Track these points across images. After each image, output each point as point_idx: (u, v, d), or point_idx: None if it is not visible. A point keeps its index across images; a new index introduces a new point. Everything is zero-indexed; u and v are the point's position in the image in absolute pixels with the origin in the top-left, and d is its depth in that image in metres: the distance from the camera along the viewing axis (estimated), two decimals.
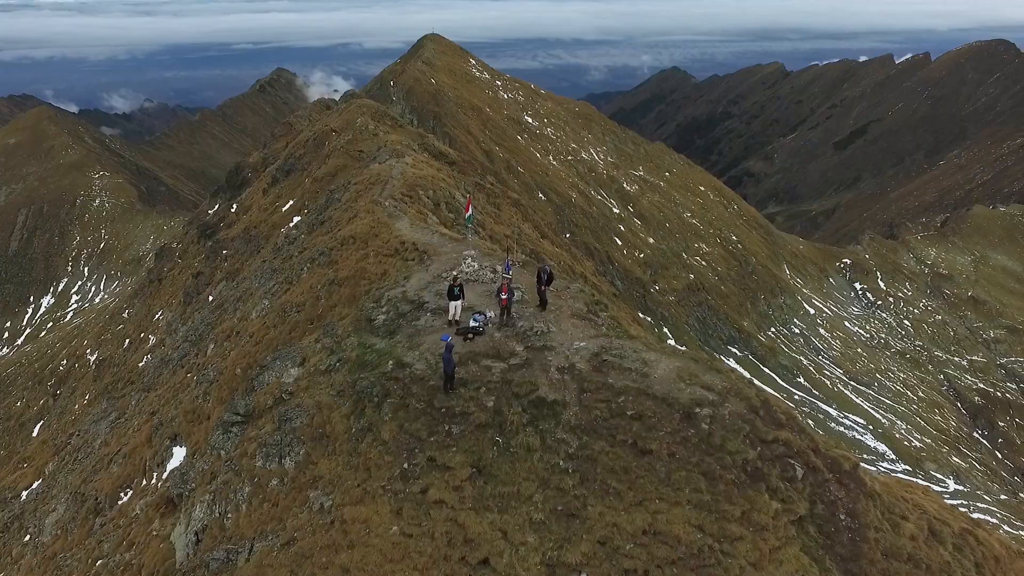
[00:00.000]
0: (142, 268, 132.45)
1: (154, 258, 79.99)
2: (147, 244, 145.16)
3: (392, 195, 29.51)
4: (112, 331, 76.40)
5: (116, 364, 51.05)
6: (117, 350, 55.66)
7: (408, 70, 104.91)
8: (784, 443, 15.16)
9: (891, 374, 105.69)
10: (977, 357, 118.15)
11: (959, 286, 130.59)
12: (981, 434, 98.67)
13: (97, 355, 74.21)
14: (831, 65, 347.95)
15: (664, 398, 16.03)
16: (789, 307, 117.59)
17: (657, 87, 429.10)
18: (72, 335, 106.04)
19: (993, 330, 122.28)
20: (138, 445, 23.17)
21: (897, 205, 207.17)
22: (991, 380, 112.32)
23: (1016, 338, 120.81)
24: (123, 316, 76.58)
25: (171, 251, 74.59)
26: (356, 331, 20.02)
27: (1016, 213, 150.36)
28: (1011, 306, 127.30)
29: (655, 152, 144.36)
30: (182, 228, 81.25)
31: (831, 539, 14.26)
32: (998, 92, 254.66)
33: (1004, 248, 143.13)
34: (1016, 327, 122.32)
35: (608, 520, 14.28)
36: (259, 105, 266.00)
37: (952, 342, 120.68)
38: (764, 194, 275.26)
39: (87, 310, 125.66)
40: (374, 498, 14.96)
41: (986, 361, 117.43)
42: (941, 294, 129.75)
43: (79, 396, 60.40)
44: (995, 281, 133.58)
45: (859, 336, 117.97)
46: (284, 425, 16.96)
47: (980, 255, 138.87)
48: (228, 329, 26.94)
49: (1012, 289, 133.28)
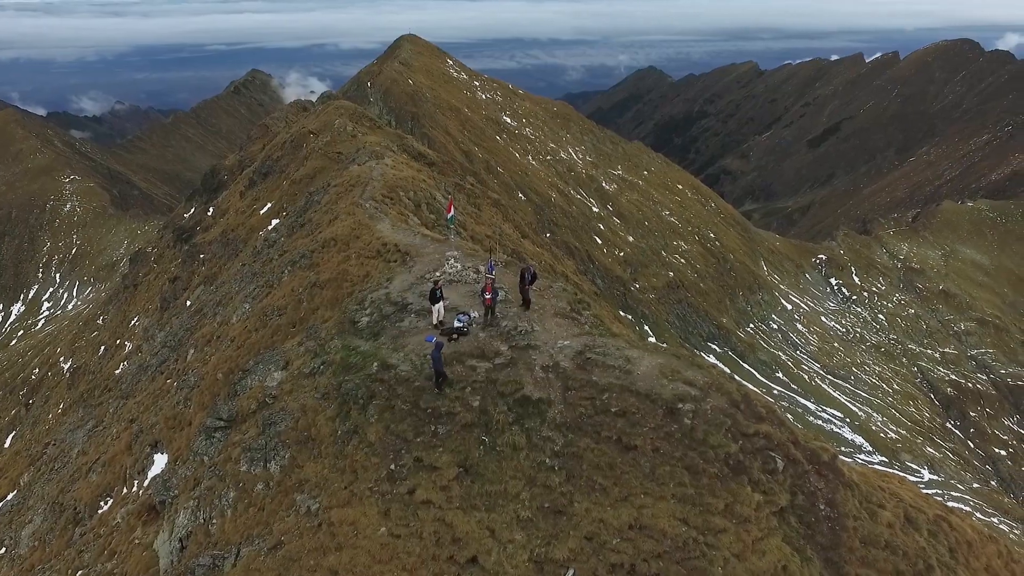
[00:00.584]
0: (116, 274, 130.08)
1: (129, 263, 78.54)
2: (120, 249, 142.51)
3: (373, 197, 29.42)
4: (86, 338, 74.87)
5: (91, 372, 50.03)
6: (92, 357, 54.54)
7: (385, 71, 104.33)
8: (765, 436, 15.44)
9: (867, 367, 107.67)
10: (949, 349, 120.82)
11: (930, 280, 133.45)
12: (954, 424, 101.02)
13: (71, 363, 72.70)
14: (804, 64, 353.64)
15: (647, 394, 16.22)
16: (767, 303, 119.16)
17: (634, 86, 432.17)
18: (44, 343, 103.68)
19: (963, 323, 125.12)
20: (117, 453, 22.82)
21: (870, 201, 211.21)
22: (962, 372, 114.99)
23: (985, 330, 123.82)
24: (97, 323, 75.10)
25: (146, 256, 73.31)
26: (340, 333, 19.92)
27: (983, 208, 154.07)
28: (980, 299, 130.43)
29: (633, 151, 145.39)
30: (157, 232, 79.91)
31: (811, 529, 14.56)
32: (964, 90, 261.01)
33: (972, 242, 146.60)
34: (985, 319, 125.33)
35: (594, 516, 14.42)
36: (234, 107, 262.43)
37: (925, 335, 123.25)
38: (741, 192, 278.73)
39: (59, 317, 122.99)
40: (361, 500, 14.99)
41: (957, 353, 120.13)
42: (913, 288, 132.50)
43: (53, 405, 59.08)
44: (964, 275, 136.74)
45: (835, 330, 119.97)
46: (268, 429, 16.89)
47: (950, 249, 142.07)
48: (208, 334, 26.62)
49: (981, 282, 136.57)
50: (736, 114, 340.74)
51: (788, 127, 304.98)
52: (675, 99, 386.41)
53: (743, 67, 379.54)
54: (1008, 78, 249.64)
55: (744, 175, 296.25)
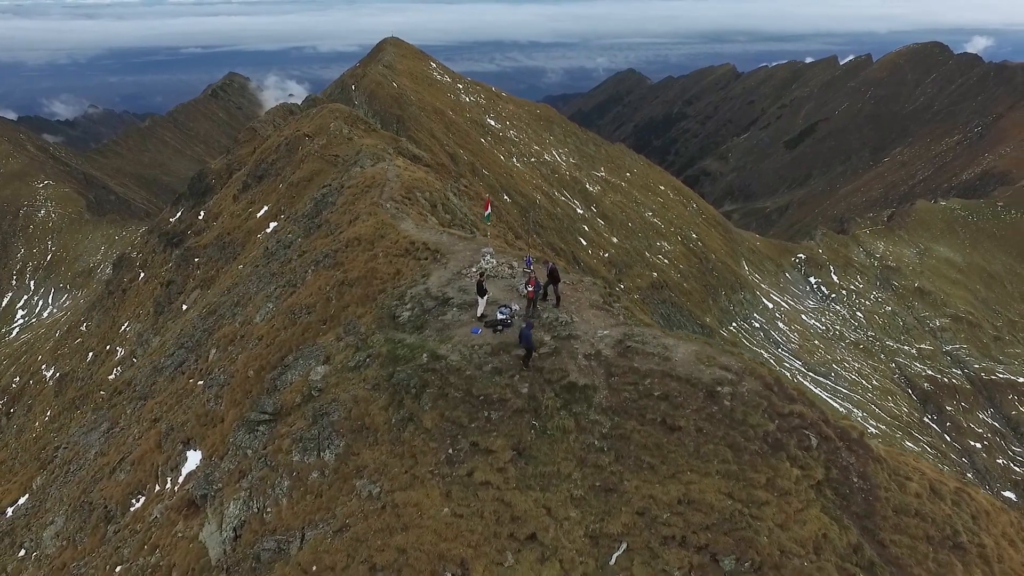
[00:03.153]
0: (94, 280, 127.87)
1: (112, 269, 77.43)
2: (97, 255, 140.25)
3: (392, 197, 29.90)
4: (69, 345, 73.68)
5: (80, 378, 49.36)
6: (80, 364, 53.78)
7: (369, 74, 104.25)
8: (799, 416, 16.47)
9: (847, 364, 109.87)
10: (925, 345, 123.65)
11: (906, 278, 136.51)
12: (931, 419, 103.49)
13: (54, 370, 71.51)
14: (780, 66, 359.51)
15: (687, 379, 17.12)
16: (749, 302, 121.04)
17: (613, 88, 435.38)
18: (21, 351, 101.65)
19: (938, 319, 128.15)
20: (147, 452, 23.07)
21: (846, 201, 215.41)
22: (938, 367, 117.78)
23: (959, 326, 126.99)
24: (81, 329, 73.97)
25: (130, 261, 72.43)
26: (380, 328, 20.40)
27: (955, 207, 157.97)
28: (954, 296, 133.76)
29: (615, 153, 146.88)
30: (141, 237, 78.88)
31: (847, 500, 15.50)
32: (935, 92, 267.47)
33: (945, 240, 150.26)
34: (959, 316, 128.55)
35: (644, 492, 15.26)
36: (212, 110, 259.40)
37: (901, 331, 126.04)
38: (720, 192, 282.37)
39: (35, 325, 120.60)
40: (423, 483, 15.58)
41: (933, 349, 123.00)
42: (890, 286, 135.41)
43: (39, 413, 58.11)
44: (939, 272, 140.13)
45: (816, 328, 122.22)
46: (321, 420, 17.35)
47: (924, 247, 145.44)
48: (230, 334, 26.87)
49: (954, 279, 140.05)
50: (715, 116, 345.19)
51: (765, 128, 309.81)
52: (654, 101, 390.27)
53: (721, 69, 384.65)
54: (976, 80, 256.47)
55: (723, 176, 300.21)
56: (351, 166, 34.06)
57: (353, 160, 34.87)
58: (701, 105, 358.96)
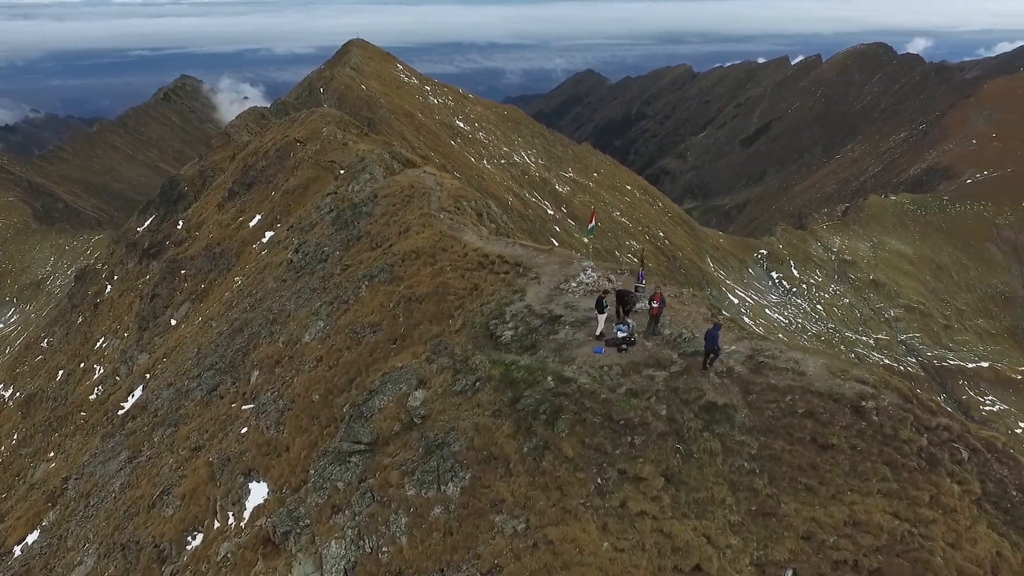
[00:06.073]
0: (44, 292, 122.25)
1: (75, 281, 74.18)
2: (47, 266, 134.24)
3: (443, 207, 29.00)
4: (30, 363, 70.30)
5: (51, 398, 47.14)
6: (49, 383, 51.33)
7: (338, 76, 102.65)
8: (946, 428, 16.07)
9: None
10: (881, 335, 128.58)
11: (861, 270, 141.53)
12: None
13: (14, 390, 68.14)
14: (734, 66, 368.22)
15: (829, 394, 16.61)
16: (715, 298, 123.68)
17: (573, 89, 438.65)
18: None
19: (892, 309, 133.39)
20: (199, 485, 21.90)
21: (801, 197, 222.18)
22: (894, 356, 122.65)
23: (912, 316, 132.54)
24: (42, 346, 70.64)
25: (95, 273, 69.58)
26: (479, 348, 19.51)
27: (905, 201, 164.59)
28: (906, 287, 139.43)
29: (582, 153, 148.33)
30: (107, 248, 75.73)
31: (1009, 514, 15.22)
32: (880, 91, 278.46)
33: (897, 233, 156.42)
34: (912, 306, 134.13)
35: (806, 515, 14.70)
36: (164, 114, 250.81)
37: (859, 323, 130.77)
38: (680, 191, 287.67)
39: None
40: (576, 516, 14.82)
41: (889, 339, 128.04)
42: (847, 278, 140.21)
43: (3, 436, 55.28)
44: (891, 264, 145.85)
45: (779, 322, 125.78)
46: (440, 451, 16.48)
47: (877, 241, 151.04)
48: (274, 354, 25.78)
49: (906, 271, 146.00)
50: (672, 115, 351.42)
51: (722, 127, 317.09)
52: (613, 102, 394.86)
53: (677, 70, 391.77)
54: (919, 79, 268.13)
55: (682, 174, 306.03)
56: (358, 173, 33.41)
57: (359, 167, 34.16)
58: (659, 105, 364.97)
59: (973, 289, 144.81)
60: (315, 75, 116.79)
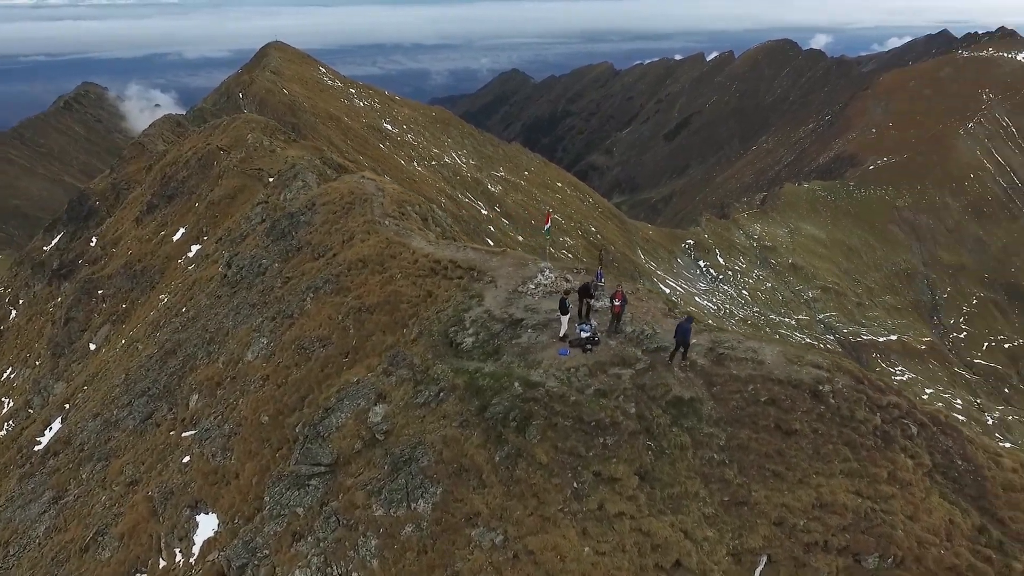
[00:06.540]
0: None
1: None
2: None
3: (387, 213, 28.28)
4: None
5: None
6: None
7: (257, 81, 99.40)
8: (896, 406, 16.69)
9: None
10: (801, 316, 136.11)
11: (781, 255, 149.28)
12: None
13: None
14: (653, 64, 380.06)
15: (788, 380, 17.02)
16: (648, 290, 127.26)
17: (499, 89, 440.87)
18: None
19: (810, 291, 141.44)
20: (139, 522, 20.32)
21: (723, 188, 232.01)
22: (814, 334, 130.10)
23: (828, 296, 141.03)
24: None
25: None
26: (439, 357, 18.96)
27: (816, 188, 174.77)
28: (821, 269, 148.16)
29: (513, 152, 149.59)
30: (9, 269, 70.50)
31: (958, 483, 15.86)
32: (789, 84, 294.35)
33: (811, 219, 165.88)
34: (828, 286, 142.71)
35: (776, 501, 15.10)
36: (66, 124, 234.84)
37: (781, 305, 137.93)
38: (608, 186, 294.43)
39: None
40: (555, 523, 14.64)
41: (808, 319, 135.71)
42: (768, 264, 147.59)
43: None
44: (807, 248, 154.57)
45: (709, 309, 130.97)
46: (407, 467, 15.92)
47: (794, 227, 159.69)
48: (214, 376, 24.35)
49: (820, 254, 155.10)
50: (597, 112, 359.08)
51: (645, 123, 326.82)
52: (539, 100, 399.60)
53: (599, 67, 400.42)
54: (822, 73, 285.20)
55: (610, 170, 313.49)
56: (290, 180, 32.43)
57: (290, 174, 33.16)
58: (584, 103, 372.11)
59: (880, 268, 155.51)
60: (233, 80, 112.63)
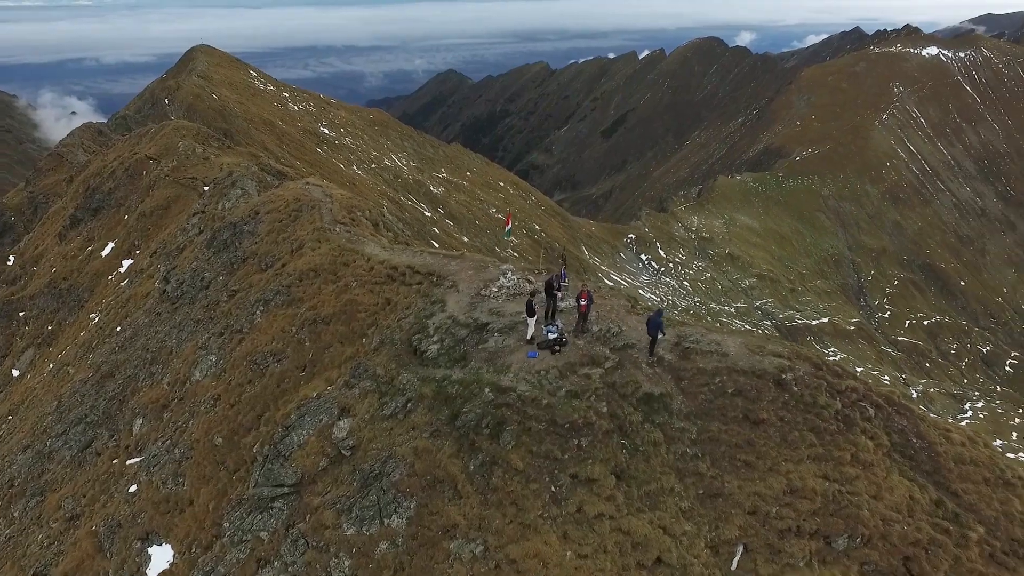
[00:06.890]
0: None
1: None
2: None
3: (337, 220, 27.38)
4: None
5: None
6: None
7: (184, 86, 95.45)
8: (853, 390, 17.22)
9: None
10: (740, 304, 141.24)
11: (718, 246, 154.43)
12: None
13: None
14: (588, 63, 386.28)
15: (752, 371, 17.35)
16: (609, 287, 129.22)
17: (436, 90, 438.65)
18: None
19: (747, 279, 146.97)
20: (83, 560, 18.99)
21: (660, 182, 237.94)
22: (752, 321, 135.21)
23: (764, 283, 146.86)
24: None
25: None
26: (403, 367, 18.45)
27: (748, 180, 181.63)
28: (757, 257, 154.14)
29: (453, 153, 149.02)
30: None
31: (914, 460, 16.52)
32: (718, 81, 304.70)
33: (744, 210, 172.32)
34: (763, 274, 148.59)
35: (749, 491, 15.44)
36: None
37: (720, 294, 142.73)
38: (549, 184, 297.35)
39: None
40: (535, 529, 14.50)
41: (746, 306, 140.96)
42: (707, 254, 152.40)
43: None
44: (742, 238, 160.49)
45: (653, 301, 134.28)
46: (377, 482, 15.42)
47: (729, 218, 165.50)
48: (159, 398, 23.01)
49: (755, 243, 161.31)
50: (535, 111, 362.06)
51: (583, 121, 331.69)
52: (477, 100, 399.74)
53: (535, 67, 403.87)
54: (748, 69, 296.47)
55: (550, 168, 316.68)
56: (228, 188, 31.12)
57: (228, 182, 31.78)
58: (522, 102, 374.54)
59: (810, 254, 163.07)
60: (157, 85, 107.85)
